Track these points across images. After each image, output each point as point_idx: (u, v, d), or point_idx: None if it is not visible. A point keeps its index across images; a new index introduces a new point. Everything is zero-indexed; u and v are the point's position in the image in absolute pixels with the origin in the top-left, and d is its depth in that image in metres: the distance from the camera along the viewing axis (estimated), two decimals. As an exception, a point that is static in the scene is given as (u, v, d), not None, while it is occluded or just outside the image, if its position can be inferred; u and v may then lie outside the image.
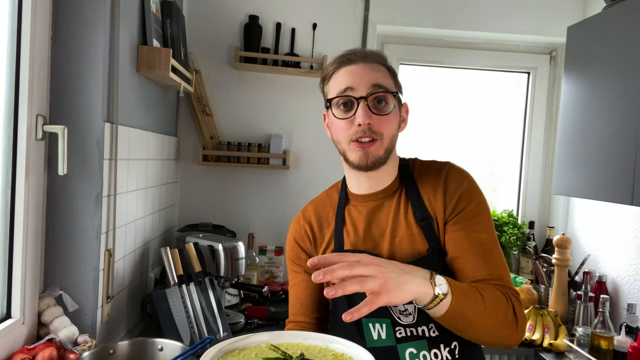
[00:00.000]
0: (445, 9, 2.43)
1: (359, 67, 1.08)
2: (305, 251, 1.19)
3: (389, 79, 1.10)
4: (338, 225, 1.15)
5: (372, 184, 1.13)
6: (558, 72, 2.54)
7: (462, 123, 2.65)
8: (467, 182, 1.11)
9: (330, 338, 0.91)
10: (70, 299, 1.37)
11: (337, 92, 1.08)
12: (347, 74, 1.08)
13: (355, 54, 1.10)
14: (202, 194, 2.40)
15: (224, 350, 0.86)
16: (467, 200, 1.08)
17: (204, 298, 1.76)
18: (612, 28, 1.68)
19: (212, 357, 0.82)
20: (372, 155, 1.06)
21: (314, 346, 0.91)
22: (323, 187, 1.32)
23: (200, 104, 2.32)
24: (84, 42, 1.37)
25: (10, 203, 1.25)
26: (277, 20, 2.37)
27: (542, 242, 2.48)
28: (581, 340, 1.78)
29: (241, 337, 0.90)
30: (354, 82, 1.06)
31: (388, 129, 1.07)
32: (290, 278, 1.23)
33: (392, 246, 1.09)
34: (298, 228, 1.21)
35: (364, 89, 1.05)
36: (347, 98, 1.06)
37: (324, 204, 1.21)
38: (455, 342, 1.06)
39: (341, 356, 0.87)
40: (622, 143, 1.59)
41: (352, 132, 1.06)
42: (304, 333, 0.94)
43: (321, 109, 2.47)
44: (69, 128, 1.34)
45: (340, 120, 1.08)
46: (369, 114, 1.04)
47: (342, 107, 1.08)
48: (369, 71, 1.07)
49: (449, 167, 1.14)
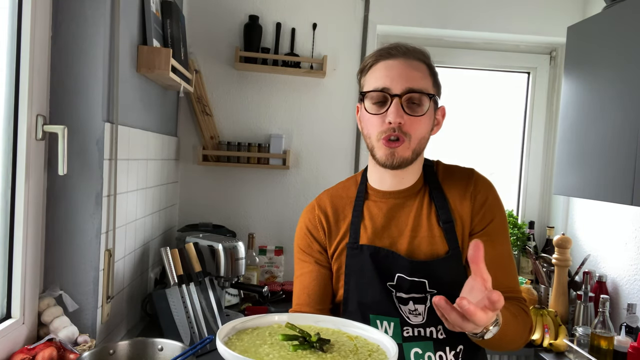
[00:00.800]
0: (445, 9, 2.43)
1: (398, 62, 1.05)
2: (318, 241, 1.16)
3: (428, 78, 1.07)
4: (355, 219, 1.13)
5: (396, 182, 1.12)
6: (558, 72, 2.54)
7: (462, 123, 2.64)
8: (492, 194, 1.12)
9: (343, 321, 0.92)
10: (70, 299, 1.37)
11: (373, 87, 1.05)
12: (386, 68, 1.05)
13: (396, 49, 1.07)
14: (202, 194, 2.40)
15: (237, 328, 0.87)
16: (493, 213, 1.09)
17: (204, 298, 1.76)
18: (612, 28, 1.68)
19: (226, 334, 0.83)
20: (399, 156, 1.04)
21: (326, 329, 0.91)
22: (323, 187, 1.31)
23: (200, 104, 2.32)
24: (84, 42, 1.37)
25: (10, 203, 1.25)
26: (277, 20, 2.37)
27: (542, 242, 2.48)
28: (581, 340, 1.78)
29: (252, 317, 0.90)
30: (390, 78, 1.03)
31: (418, 130, 1.05)
32: (298, 267, 1.19)
33: (411, 245, 1.08)
34: (312, 217, 1.18)
35: (400, 87, 1.03)
36: (382, 94, 1.04)
37: (340, 195, 1.18)
38: (461, 345, 1.06)
39: (356, 338, 0.87)
40: (622, 143, 1.59)
41: (382, 129, 1.04)
42: (315, 316, 0.95)
43: (321, 109, 2.49)
44: (69, 128, 1.34)
45: (372, 116, 1.06)
46: (401, 113, 1.02)
47: (376, 102, 1.06)
48: (407, 69, 1.04)
49: (477, 176, 1.14)
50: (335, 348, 0.81)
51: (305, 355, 0.77)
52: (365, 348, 0.82)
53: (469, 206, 1.09)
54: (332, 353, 0.79)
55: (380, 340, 0.85)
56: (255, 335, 0.85)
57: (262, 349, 0.79)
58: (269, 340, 0.83)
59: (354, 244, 1.11)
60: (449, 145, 2.65)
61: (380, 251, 1.08)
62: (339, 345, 0.83)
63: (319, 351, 0.79)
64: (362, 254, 1.09)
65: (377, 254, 1.08)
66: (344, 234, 1.14)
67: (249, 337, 0.84)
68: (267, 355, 0.76)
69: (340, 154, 2.45)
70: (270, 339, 0.83)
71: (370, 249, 1.09)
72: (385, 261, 1.07)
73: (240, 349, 0.78)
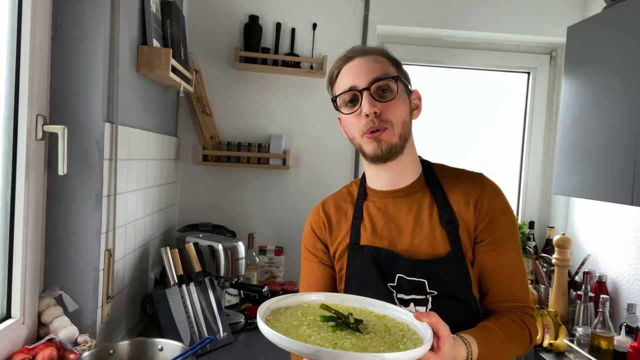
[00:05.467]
0: (445, 9, 2.43)
1: (357, 61, 1.08)
2: (322, 241, 1.18)
3: (390, 67, 1.09)
4: (355, 220, 1.14)
5: (392, 180, 1.12)
6: (558, 72, 2.54)
7: (462, 123, 2.65)
8: (501, 201, 1.10)
9: (368, 300, 0.94)
10: (70, 299, 1.37)
11: (341, 90, 1.08)
12: (348, 70, 1.08)
13: (353, 51, 1.11)
14: (202, 194, 2.40)
15: (271, 308, 0.89)
16: (499, 221, 1.08)
17: (204, 298, 1.76)
18: (612, 28, 1.68)
19: (263, 315, 0.85)
20: (386, 143, 1.05)
21: (354, 308, 0.93)
22: (323, 187, 1.31)
23: (200, 104, 2.32)
24: (84, 42, 1.37)
25: (10, 203, 1.25)
26: (277, 20, 2.37)
27: (542, 242, 2.48)
28: (581, 340, 1.78)
29: (281, 297, 0.92)
30: (354, 76, 1.06)
31: (397, 115, 1.06)
32: (305, 267, 1.21)
33: (412, 246, 1.08)
34: (317, 218, 1.20)
35: (364, 80, 1.05)
36: (351, 93, 1.06)
37: (344, 198, 1.20)
38: None
39: (383, 317, 0.90)
40: (622, 143, 1.59)
41: (362, 125, 1.05)
42: (341, 295, 0.97)
43: (321, 109, 2.49)
44: (69, 128, 1.34)
45: (349, 116, 1.08)
46: (374, 103, 1.04)
47: (349, 103, 1.08)
48: (367, 63, 1.07)
49: (485, 181, 1.13)
50: (370, 328, 0.84)
51: (345, 336, 0.79)
52: (397, 328, 0.85)
53: (473, 212, 1.08)
54: (369, 334, 0.81)
55: (409, 321, 0.87)
56: (289, 315, 0.87)
57: (301, 330, 0.81)
58: (305, 320, 0.85)
59: (355, 245, 1.11)
60: (449, 145, 2.65)
61: (380, 251, 1.08)
62: (371, 325, 0.85)
63: (357, 332, 0.81)
64: (362, 255, 1.09)
65: (377, 254, 1.08)
66: (345, 234, 1.14)
67: (285, 318, 0.86)
68: (310, 336, 0.79)
69: (340, 154, 2.45)
70: (305, 319, 0.85)
71: (371, 249, 1.09)
72: (386, 262, 1.07)
73: (282, 331, 0.80)
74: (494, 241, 1.07)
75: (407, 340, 0.80)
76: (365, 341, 0.78)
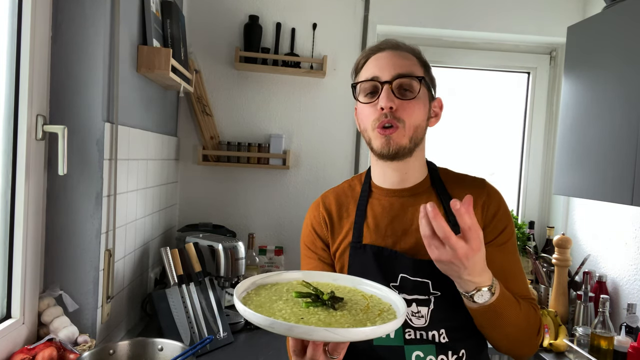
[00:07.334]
0: (445, 9, 2.43)
1: (387, 53, 1.07)
2: (322, 238, 1.16)
3: (418, 66, 1.08)
4: (358, 218, 1.12)
5: (398, 179, 1.11)
6: (558, 72, 2.54)
7: (462, 123, 2.65)
8: (504, 205, 1.12)
9: (360, 280, 0.93)
10: (70, 299, 1.37)
11: (364, 78, 1.07)
12: (375, 60, 1.07)
13: (386, 43, 1.09)
14: (202, 194, 2.40)
15: (257, 283, 0.88)
16: (504, 223, 1.09)
17: (204, 298, 1.76)
18: (612, 28, 1.68)
19: (245, 289, 0.84)
20: (395, 143, 1.03)
21: (344, 286, 0.92)
22: (323, 187, 1.31)
23: (200, 104, 2.32)
24: (83, 42, 1.37)
25: (10, 203, 1.25)
26: (277, 20, 2.37)
27: (542, 242, 2.48)
28: (581, 340, 1.78)
29: (273, 273, 0.92)
30: (379, 67, 1.05)
31: (412, 116, 1.04)
32: (304, 263, 1.20)
33: (417, 245, 1.06)
34: (316, 214, 1.18)
35: (388, 74, 1.04)
36: (372, 84, 1.05)
37: (345, 194, 1.18)
38: (463, 349, 1.05)
39: (370, 297, 0.88)
40: (622, 143, 1.59)
41: (375, 117, 1.04)
42: (333, 274, 0.96)
43: (321, 109, 2.49)
44: (69, 128, 1.34)
45: (365, 106, 1.07)
46: (392, 97, 1.02)
47: (368, 94, 1.07)
48: (395, 57, 1.06)
49: (489, 186, 1.14)
50: (348, 306, 0.83)
51: (316, 312, 0.78)
52: (377, 307, 0.84)
53: (479, 215, 1.08)
54: (342, 311, 0.80)
55: (393, 301, 0.85)
56: (273, 291, 0.87)
57: (276, 305, 0.80)
58: (285, 296, 0.84)
59: (357, 243, 1.10)
60: (449, 145, 2.65)
61: (383, 251, 1.07)
62: (352, 303, 0.84)
63: (330, 309, 0.80)
64: (365, 254, 1.08)
65: (380, 253, 1.07)
66: (347, 232, 1.13)
67: (267, 293, 0.85)
68: (280, 310, 0.78)
69: (340, 154, 2.45)
70: (286, 295, 0.85)
71: (374, 248, 1.08)
72: (389, 261, 1.06)
73: (256, 304, 0.80)
74: (499, 242, 1.08)
75: (379, 320, 0.78)
76: (334, 317, 0.77)
